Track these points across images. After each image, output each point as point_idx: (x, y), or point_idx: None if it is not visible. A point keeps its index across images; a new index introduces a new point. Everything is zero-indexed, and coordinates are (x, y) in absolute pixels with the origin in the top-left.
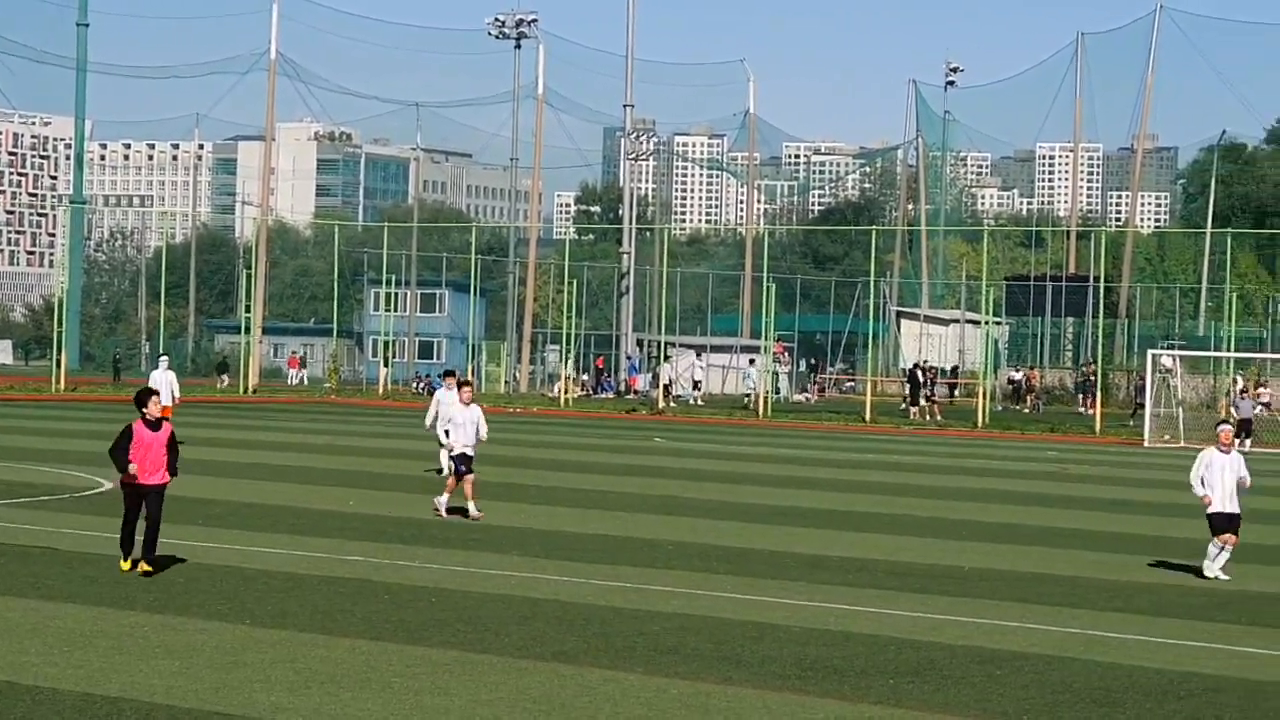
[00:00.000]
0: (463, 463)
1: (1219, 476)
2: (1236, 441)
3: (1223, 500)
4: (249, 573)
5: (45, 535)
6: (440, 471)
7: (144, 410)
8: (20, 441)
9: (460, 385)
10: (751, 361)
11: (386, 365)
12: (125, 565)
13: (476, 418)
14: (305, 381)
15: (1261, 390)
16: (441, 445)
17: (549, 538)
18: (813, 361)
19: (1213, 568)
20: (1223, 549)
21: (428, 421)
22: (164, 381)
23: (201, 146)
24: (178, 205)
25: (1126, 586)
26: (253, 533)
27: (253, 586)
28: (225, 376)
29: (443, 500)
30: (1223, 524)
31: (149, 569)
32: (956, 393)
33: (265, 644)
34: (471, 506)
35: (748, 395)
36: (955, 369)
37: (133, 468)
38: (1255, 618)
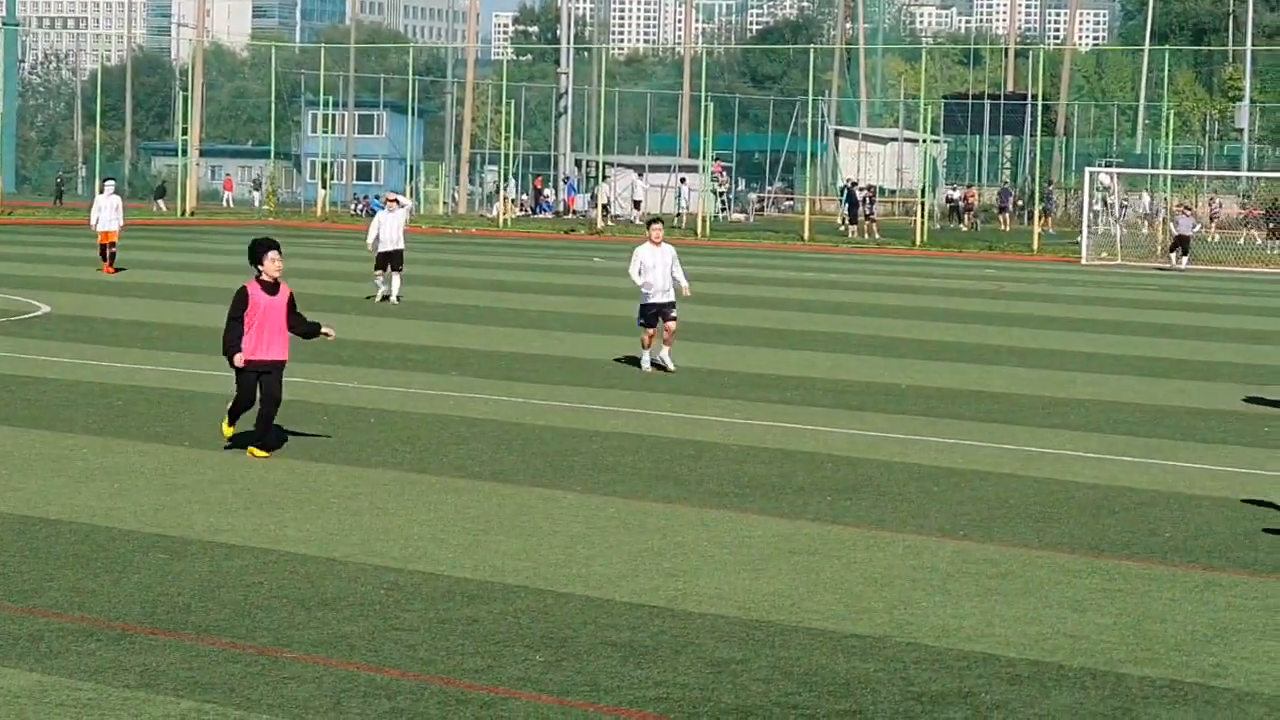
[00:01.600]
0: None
1: None
2: (1177, 258)
3: None
4: (187, 395)
5: None
6: (371, 298)
7: (260, 268)
8: None
9: (651, 223)
10: (683, 180)
11: (325, 187)
12: (256, 453)
13: (670, 259)
14: (231, 204)
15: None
16: (378, 270)
17: (487, 358)
18: (752, 183)
19: None
20: None
21: (369, 241)
22: (109, 206)
23: None
24: (113, 28)
25: (1063, 403)
26: (191, 355)
27: (191, 409)
28: (162, 201)
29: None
30: None
31: (263, 453)
32: (894, 211)
33: (204, 465)
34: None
35: (678, 215)
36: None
37: (239, 358)
38: (1189, 433)
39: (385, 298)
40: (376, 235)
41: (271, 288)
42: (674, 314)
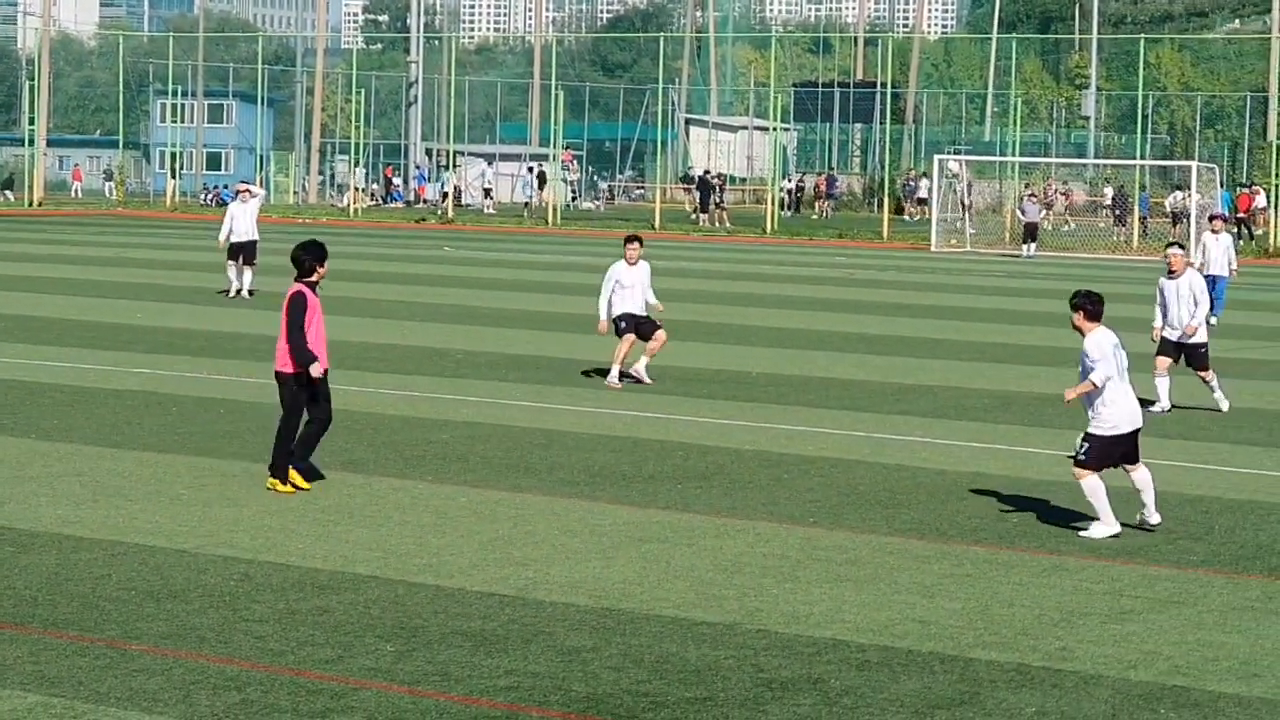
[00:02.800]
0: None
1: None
2: (1026, 247)
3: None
4: (34, 386)
5: None
6: (227, 293)
7: (320, 270)
8: None
9: (628, 240)
10: (530, 169)
11: (174, 177)
12: (297, 482)
13: (646, 277)
14: (80, 194)
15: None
16: (230, 262)
17: (338, 348)
18: (603, 171)
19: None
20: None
21: (221, 237)
22: None
23: None
24: None
25: (911, 389)
26: (39, 346)
27: (38, 400)
28: (9, 192)
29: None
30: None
31: (307, 485)
32: (744, 199)
33: (52, 457)
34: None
35: (525, 203)
36: (722, 177)
37: (316, 367)
38: (1036, 419)
39: (239, 292)
40: (230, 229)
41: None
42: (658, 326)
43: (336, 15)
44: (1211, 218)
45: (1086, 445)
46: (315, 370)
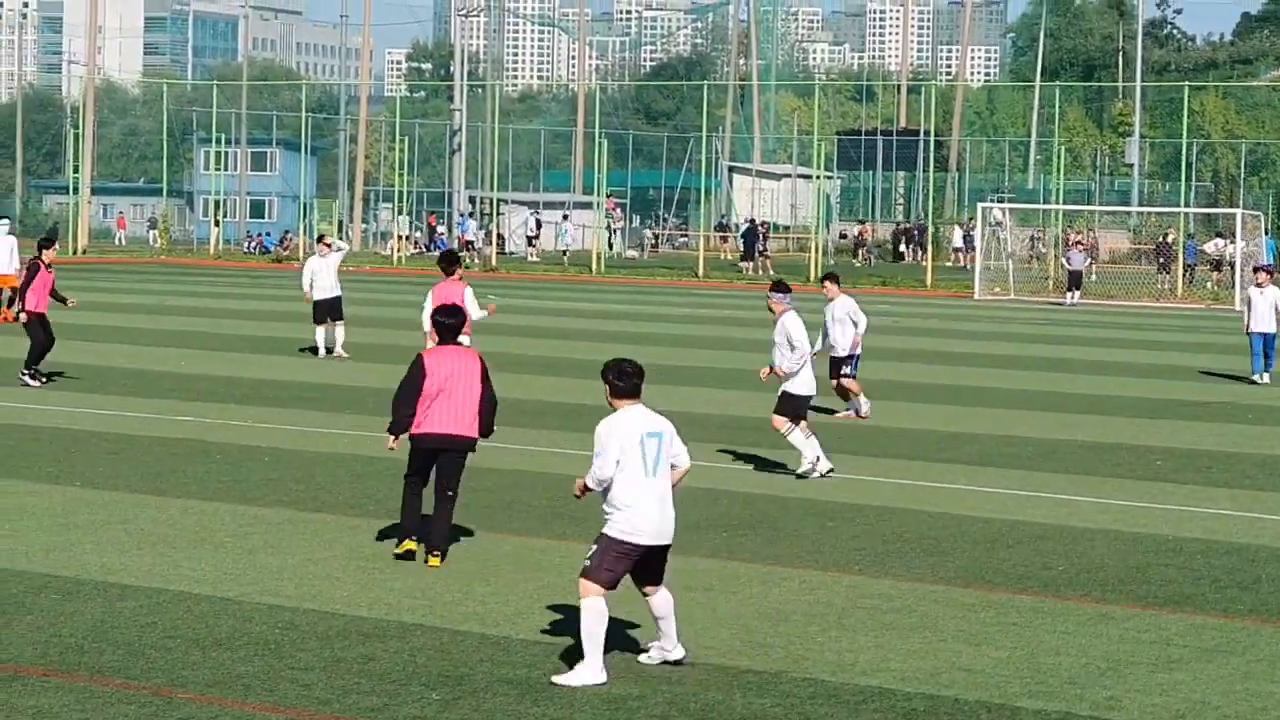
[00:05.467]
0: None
1: None
2: (1070, 295)
3: None
4: (80, 435)
5: None
6: (316, 351)
7: (445, 324)
8: None
9: (826, 279)
10: (565, 217)
11: (218, 225)
12: (409, 545)
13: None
14: (124, 241)
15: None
16: (319, 326)
17: (383, 396)
18: (648, 219)
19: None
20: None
21: (305, 289)
22: (5, 248)
23: (25, 4)
24: (2, 65)
25: (955, 437)
26: (83, 394)
27: (84, 448)
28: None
29: None
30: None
31: (436, 562)
32: (787, 247)
33: (97, 505)
34: None
35: (564, 251)
36: (765, 225)
37: (390, 443)
38: (1081, 467)
39: (329, 350)
40: (311, 282)
41: (451, 341)
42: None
43: (380, 63)
44: (1256, 269)
45: (594, 549)
46: (396, 436)
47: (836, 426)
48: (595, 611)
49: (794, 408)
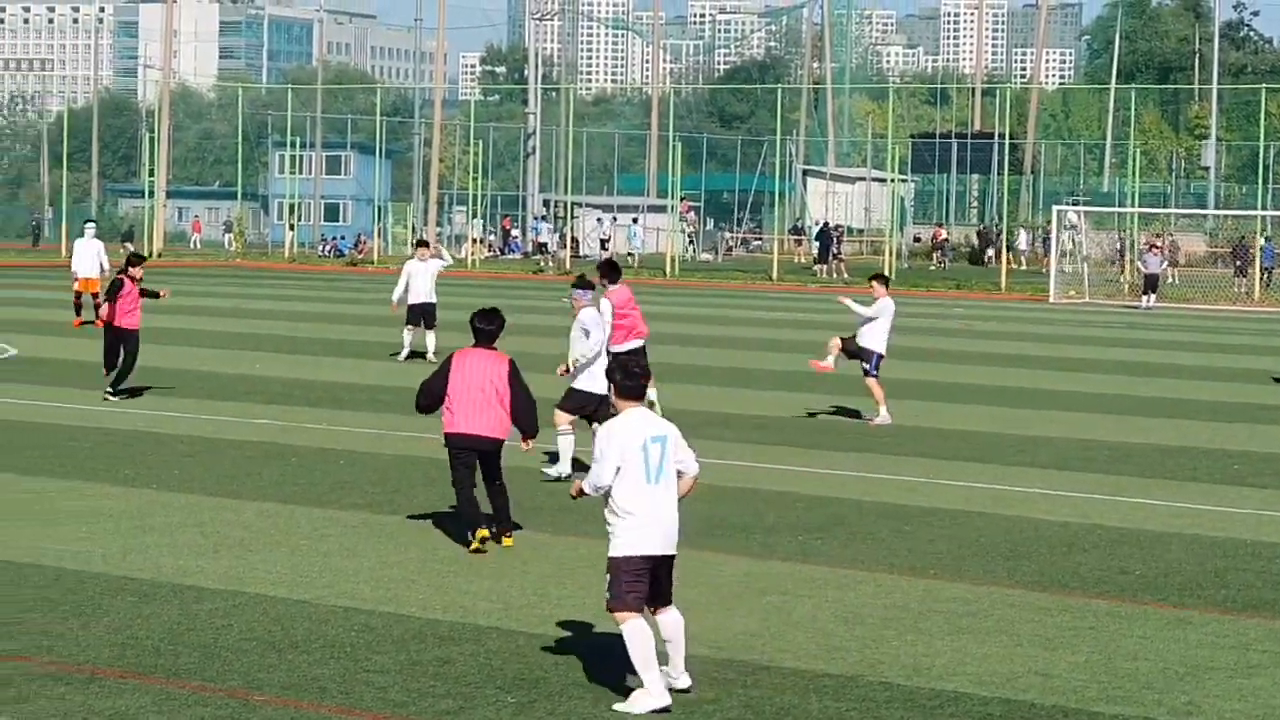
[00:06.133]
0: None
1: None
2: (1146, 298)
3: None
4: (156, 437)
5: None
6: (396, 355)
7: (480, 329)
8: None
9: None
10: (634, 220)
11: (292, 228)
12: (481, 533)
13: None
14: (199, 245)
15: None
16: (409, 326)
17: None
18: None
19: None
20: None
21: (395, 296)
22: (91, 252)
23: (102, 9)
24: (79, 69)
25: (1032, 441)
26: (159, 397)
27: (159, 451)
28: (129, 244)
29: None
30: None
31: (509, 541)
32: (861, 250)
33: (173, 508)
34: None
35: (630, 254)
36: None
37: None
38: (1157, 471)
39: (414, 354)
40: (405, 287)
41: (484, 343)
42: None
43: (454, 67)
44: None
45: (609, 577)
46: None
47: (911, 430)
48: (638, 633)
49: (578, 404)
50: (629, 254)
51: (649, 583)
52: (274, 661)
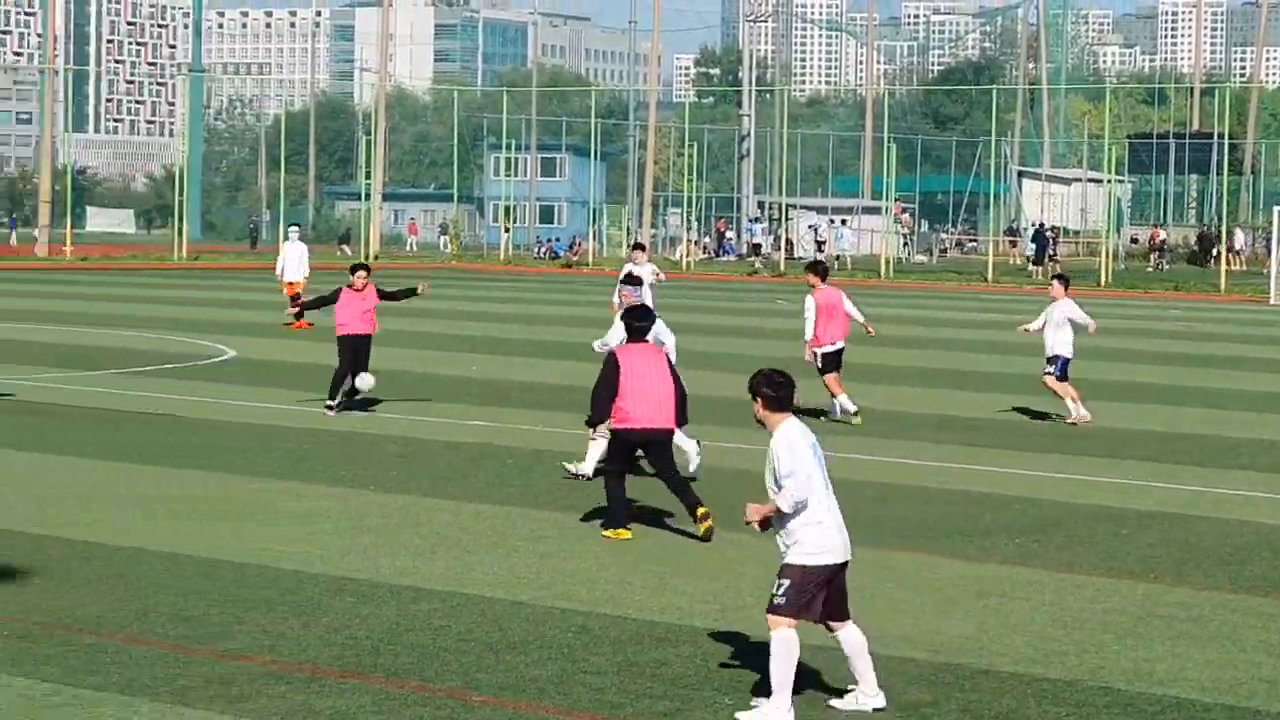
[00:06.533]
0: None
1: None
2: None
3: None
4: (373, 439)
5: (170, 403)
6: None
7: (635, 326)
8: (144, 310)
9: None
10: (844, 222)
11: (508, 231)
12: (625, 533)
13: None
14: (415, 247)
15: None
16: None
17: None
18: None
19: None
20: None
21: (614, 302)
22: (295, 255)
23: (319, 13)
24: (296, 73)
25: (1252, 444)
26: (377, 399)
27: (376, 452)
28: (346, 246)
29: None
30: None
31: (710, 522)
32: (1078, 251)
33: (390, 509)
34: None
35: (838, 256)
36: (1055, 229)
37: (596, 432)
38: None
39: None
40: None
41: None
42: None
43: (669, 69)
44: None
45: (785, 583)
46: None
47: (1126, 432)
48: (786, 643)
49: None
50: (836, 256)
51: (830, 593)
52: (492, 662)
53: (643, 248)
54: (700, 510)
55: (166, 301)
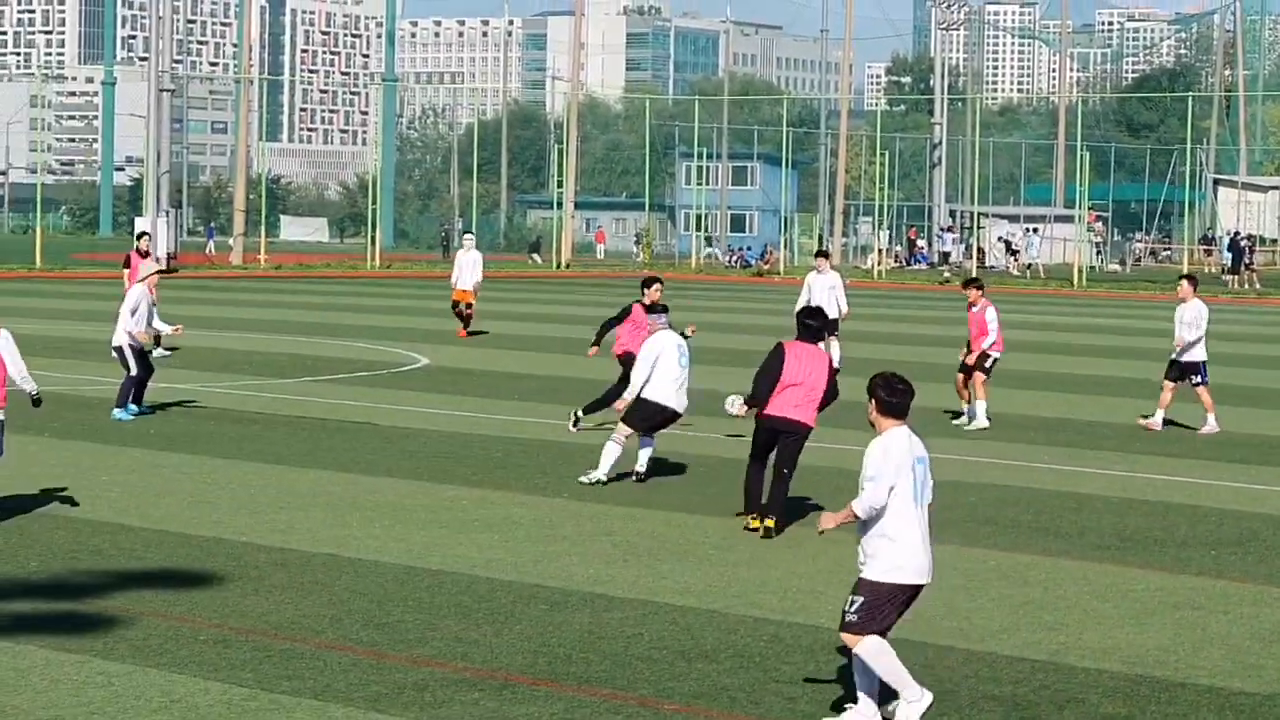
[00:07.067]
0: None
1: None
2: None
3: None
4: (565, 447)
5: (364, 410)
6: None
7: (808, 325)
8: (338, 318)
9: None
10: (1035, 230)
11: (710, 241)
12: (754, 523)
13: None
14: (604, 255)
15: None
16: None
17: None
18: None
19: None
20: None
21: (797, 309)
22: (468, 263)
23: (511, 22)
24: (488, 81)
25: None
26: (569, 407)
27: (570, 460)
28: (537, 255)
29: None
30: None
31: (771, 523)
32: (1275, 260)
33: (583, 517)
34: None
35: (1029, 265)
36: (1251, 238)
37: (739, 410)
38: None
39: None
40: (806, 299)
41: (814, 337)
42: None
43: (860, 77)
44: None
45: (859, 600)
46: (749, 410)
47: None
48: (881, 650)
49: (642, 416)
50: (1029, 265)
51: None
52: (684, 670)
53: (827, 255)
54: (770, 517)
55: (359, 309)
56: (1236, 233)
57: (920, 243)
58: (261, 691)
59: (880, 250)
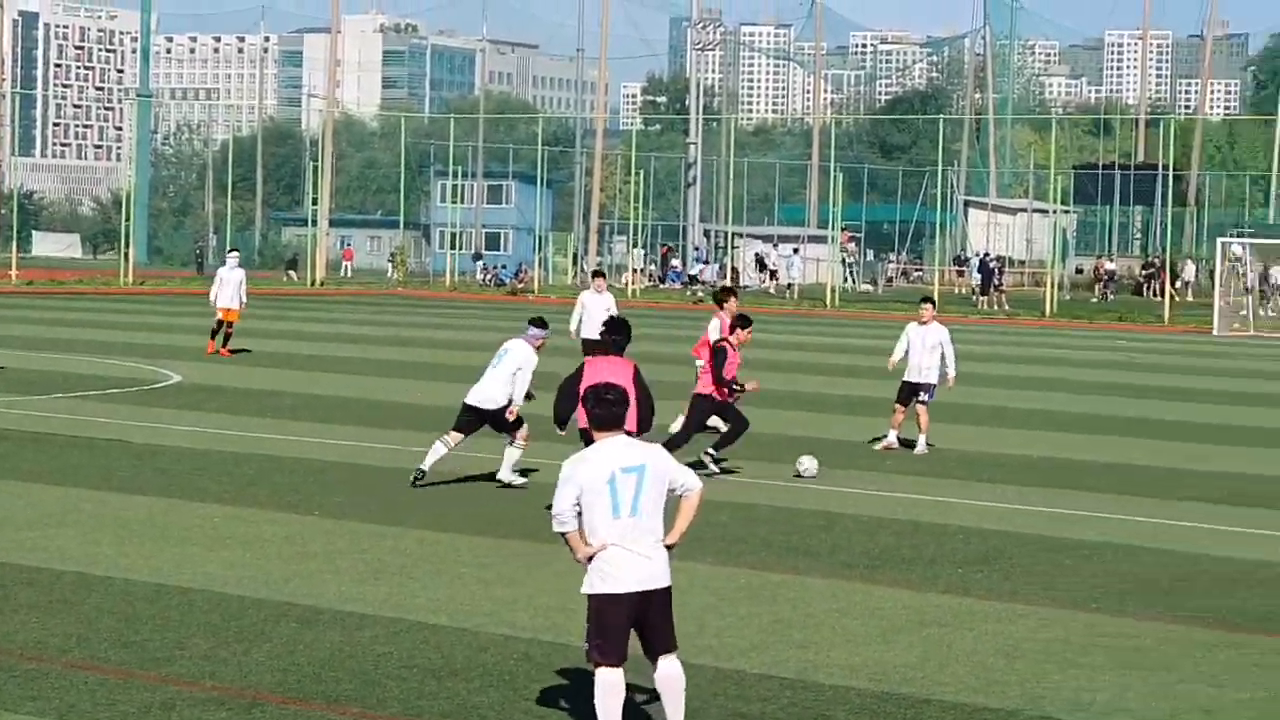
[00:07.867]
0: None
1: None
2: None
3: None
4: (318, 464)
5: (116, 427)
6: None
7: (612, 338)
8: (89, 334)
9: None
10: (796, 251)
11: (479, 259)
12: None
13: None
14: (350, 273)
15: None
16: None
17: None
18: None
19: None
20: None
21: (572, 328)
22: (233, 281)
23: (267, 39)
24: (244, 98)
25: (1195, 475)
26: (322, 424)
27: (321, 478)
28: (293, 272)
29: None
30: None
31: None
32: (1023, 282)
33: (335, 535)
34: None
35: (789, 286)
36: (1001, 259)
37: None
38: None
39: None
40: (580, 318)
41: (609, 351)
42: (926, 397)
43: (616, 97)
44: None
45: (587, 624)
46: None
47: (1070, 463)
48: (609, 689)
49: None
50: (788, 285)
51: (639, 628)
52: (434, 689)
53: (602, 275)
54: None
55: (112, 326)
56: (986, 254)
57: (674, 261)
58: (5, 712)
59: (635, 270)
